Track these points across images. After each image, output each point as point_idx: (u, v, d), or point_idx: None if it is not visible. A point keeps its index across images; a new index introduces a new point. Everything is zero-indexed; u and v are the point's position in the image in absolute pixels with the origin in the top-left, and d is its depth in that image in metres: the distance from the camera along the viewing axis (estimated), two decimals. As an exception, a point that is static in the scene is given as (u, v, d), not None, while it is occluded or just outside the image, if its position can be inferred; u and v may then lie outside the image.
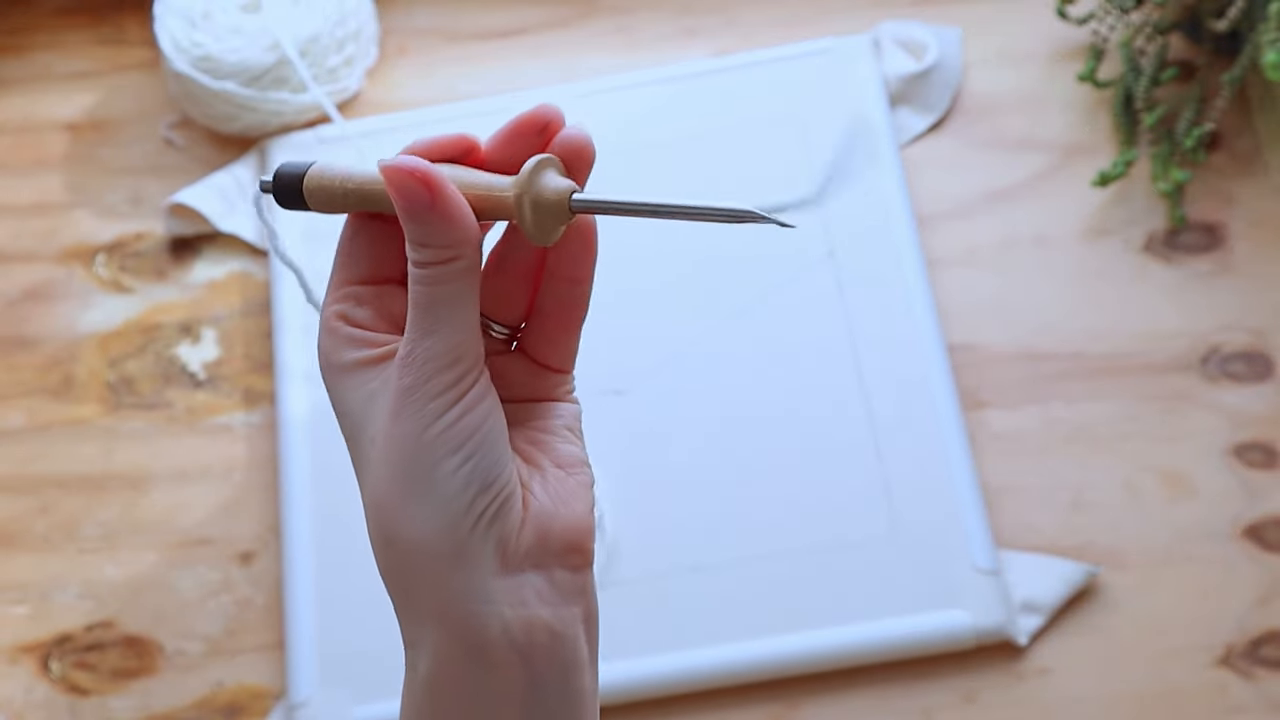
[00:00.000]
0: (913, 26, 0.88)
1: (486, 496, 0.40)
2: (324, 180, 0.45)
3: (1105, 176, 0.81)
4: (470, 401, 0.40)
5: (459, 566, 0.40)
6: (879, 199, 0.83)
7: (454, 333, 0.40)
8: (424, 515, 0.40)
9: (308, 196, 0.45)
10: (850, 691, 0.73)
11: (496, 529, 0.40)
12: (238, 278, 0.87)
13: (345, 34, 0.89)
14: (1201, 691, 0.72)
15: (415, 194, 0.40)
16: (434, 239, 0.40)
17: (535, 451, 0.43)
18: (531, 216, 0.40)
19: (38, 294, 0.88)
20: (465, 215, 0.40)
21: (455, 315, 0.40)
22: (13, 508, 0.82)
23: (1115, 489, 0.77)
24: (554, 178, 0.41)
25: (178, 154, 0.91)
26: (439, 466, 0.40)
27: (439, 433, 0.40)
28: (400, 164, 0.40)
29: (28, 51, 0.97)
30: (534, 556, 0.41)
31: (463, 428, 0.40)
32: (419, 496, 0.40)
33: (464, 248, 0.40)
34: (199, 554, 0.80)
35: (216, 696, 0.77)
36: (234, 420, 0.83)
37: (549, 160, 0.41)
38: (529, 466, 0.43)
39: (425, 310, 0.40)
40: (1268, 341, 0.79)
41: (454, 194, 0.40)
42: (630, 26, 0.93)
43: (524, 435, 0.44)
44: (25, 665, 0.78)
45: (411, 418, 0.40)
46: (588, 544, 0.42)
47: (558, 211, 0.40)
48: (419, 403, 0.40)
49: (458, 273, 0.40)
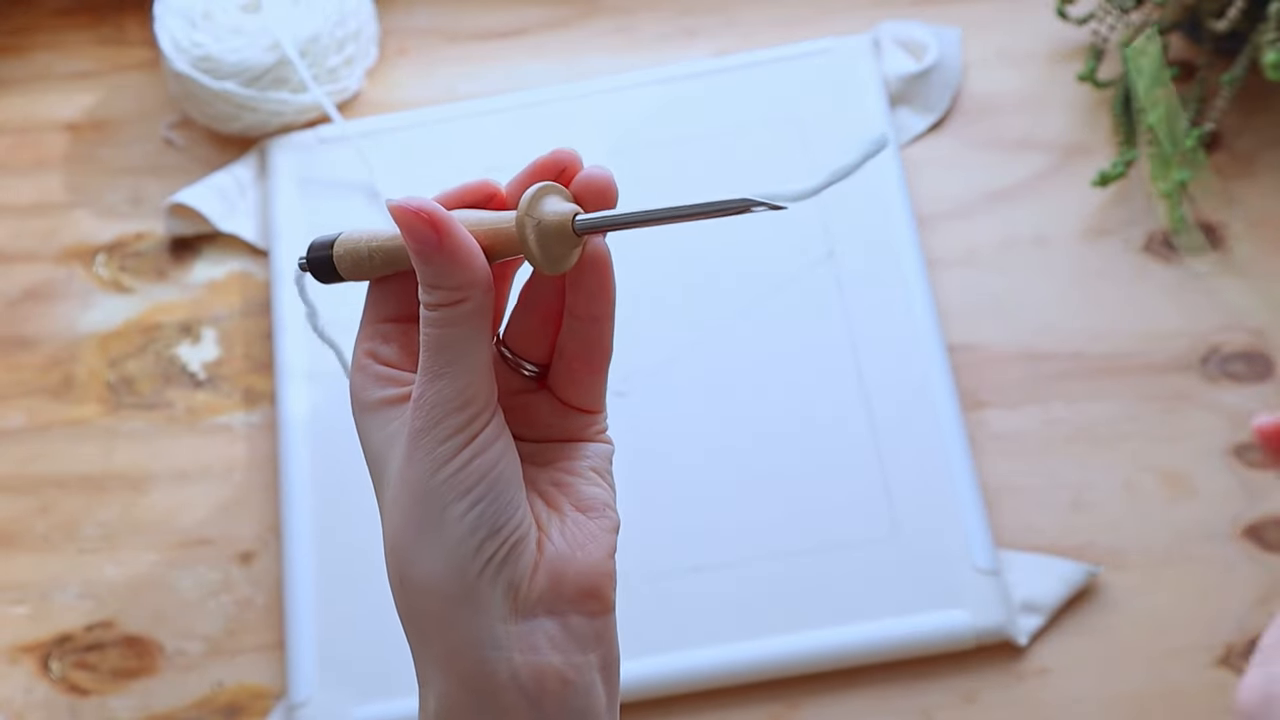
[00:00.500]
0: (913, 26, 0.88)
1: (495, 541, 0.39)
2: (351, 247, 0.44)
3: (1105, 176, 0.82)
4: (480, 445, 0.40)
5: (467, 610, 0.40)
6: (879, 199, 0.83)
7: (463, 375, 0.40)
8: (433, 558, 0.40)
9: (338, 265, 0.45)
10: (850, 691, 0.73)
11: (506, 574, 0.40)
12: (238, 278, 0.87)
13: (345, 34, 0.89)
14: (1201, 691, 0.72)
15: (422, 234, 0.40)
16: (442, 280, 0.40)
17: (557, 494, 0.43)
18: (536, 243, 0.40)
19: (38, 294, 0.88)
20: (473, 256, 0.40)
21: (465, 358, 0.40)
22: (13, 508, 0.82)
23: (1115, 489, 0.77)
24: (556, 203, 0.40)
25: (178, 154, 0.91)
26: (448, 510, 0.39)
27: (447, 477, 0.39)
28: (407, 204, 0.40)
29: (28, 51, 0.97)
30: (547, 602, 0.40)
31: (471, 471, 0.39)
32: (428, 539, 0.40)
33: (471, 290, 0.40)
34: (199, 554, 0.80)
35: (216, 696, 0.77)
36: (234, 420, 0.83)
37: (549, 187, 0.41)
38: (549, 509, 0.42)
39: (435, 353, 0.40)
40: (1268, 341, 0.79)
41: (461, 234, 0.40)
42: (630, 26, 0.93)
43: (548, 476, 0.43)
44: (25, 665, 0.78)
45: (421, 461, 0.40)
46: (606, 590, 0.41)
47: (562, 236, 0.40)
48: (428, 446, 0.40)
49: (465, 315, 0.40)
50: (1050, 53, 0.88)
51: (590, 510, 0.42)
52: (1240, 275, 0.81)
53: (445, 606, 0.40)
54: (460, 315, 0.40)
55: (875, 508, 0.75)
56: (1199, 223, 0.82)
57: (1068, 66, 0.87)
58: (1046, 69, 0.88)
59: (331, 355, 0.83)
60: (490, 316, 0.41)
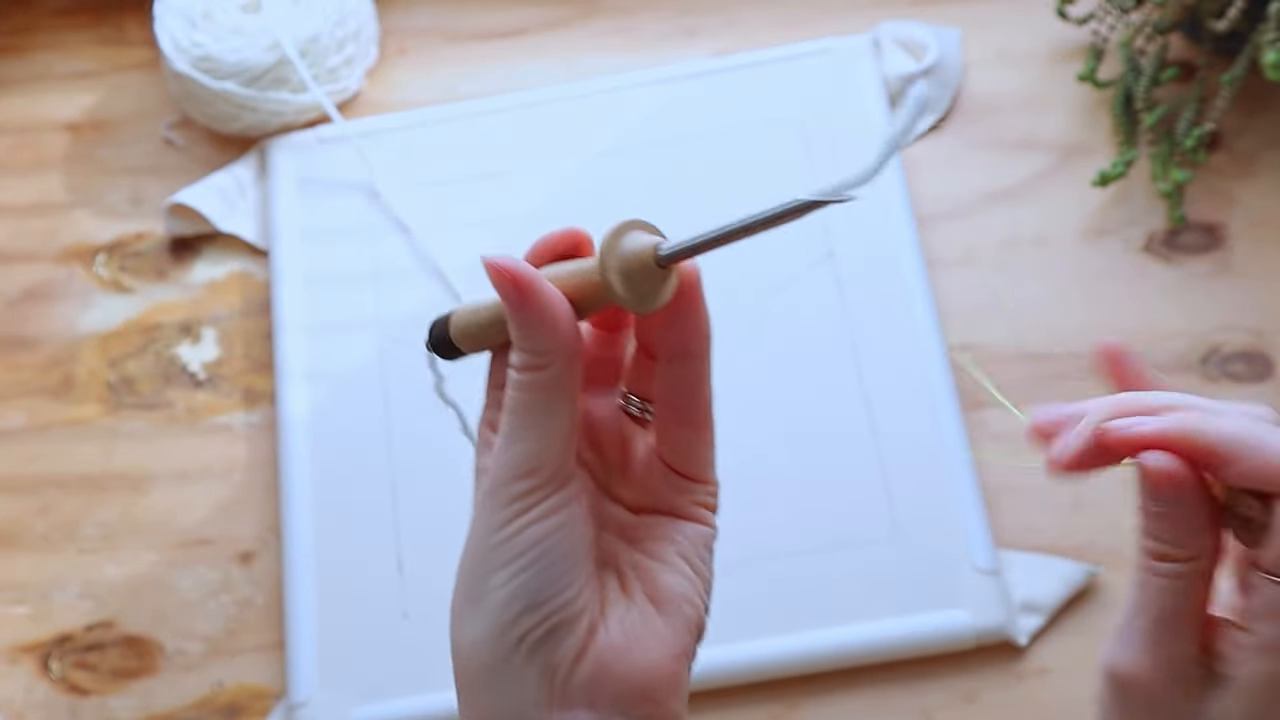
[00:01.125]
0: (913, 26, 0.88)
1: (533, 616, 0.38)
2: (462, 321, 0.44)
3: (1105, 176, 0.81)
4: (535, 516, 0.38)
5: (501, 685, 0.38)
6: (879, 199, 0.83)
7: (535, 442, 0.39)
8: (475, 623, 0.39)
9: (457, 342, 0.44)
10: (850, 691, 0.73)
11: (544, 653, 0.38)
12: (238, 278, 0.87)
13: (345, 34, 0.89)
14: (1201, 691, 0.72)
15: (508, 293, 0.39)
16: (527, 342, 0.39)
17: (633, 577, 0.41)
18: (621, 282, 0.38)
19: (38, 294, 0.88)
20: (557, 321, 0.38)
21: (539, 425, 0.39)
22: (13, 508, 0.82)
23: (1115, 489, 0.77)
24: (638, 237, 0.39)
25: (178, 154, 0.91)
26: (491, 577, 0.38)
27: (496, 543, 0.38)
28: (496, 261, 0.39)
29: (28, 51, 0.97)
30: (588, 695, 0.38)
31: (520, 541, 0.38)
32: (473, 604, 0.39)
33: (554, 356, 0.38)
34: (199, 554, 0.80)
35: (216, 696, 0.77)
36: (234, 420, 0.83)
37: (630, 223, 0.39)
38: (621, 593, 0.40)
39: (512, 416, 0.39)
40: (1268, 341, 0.79)
41: (547, 296, 0.39)
42: (630, 26, 0.93)
43: (630, 556, 0.41)
44: (25, 665, 0.78)
45: (480, 523, 0.39)
46: (662, 695, 0.38)
47: (646, 270, 0.38)
48: (488, 510, 0.39)
49: (544, 382, 0.39)
50: (1050, 53, 0.88)
51: (665, 603, 0.40)
52: (1240, 275, 0.81)
53: (481, 675, 0.38)
54: (540, 381, 0.39)
55: (875, 508, 0.75)
56: (1199, 223, 0.82)
57: (1068, 66, 0.87)
58: (1046, 69, 0.88)
59: (334, 356, 0.83)
60: (572, 386, 0.39)
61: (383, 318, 0.83)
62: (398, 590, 0.76)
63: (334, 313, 0.84)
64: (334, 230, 0.86)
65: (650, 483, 0.42)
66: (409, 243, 0.85)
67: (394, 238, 0.85)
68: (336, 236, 0.86)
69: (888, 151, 0.34)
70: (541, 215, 0.85)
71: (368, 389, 0.81)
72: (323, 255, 0.86)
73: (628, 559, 0.41)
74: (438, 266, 0.84)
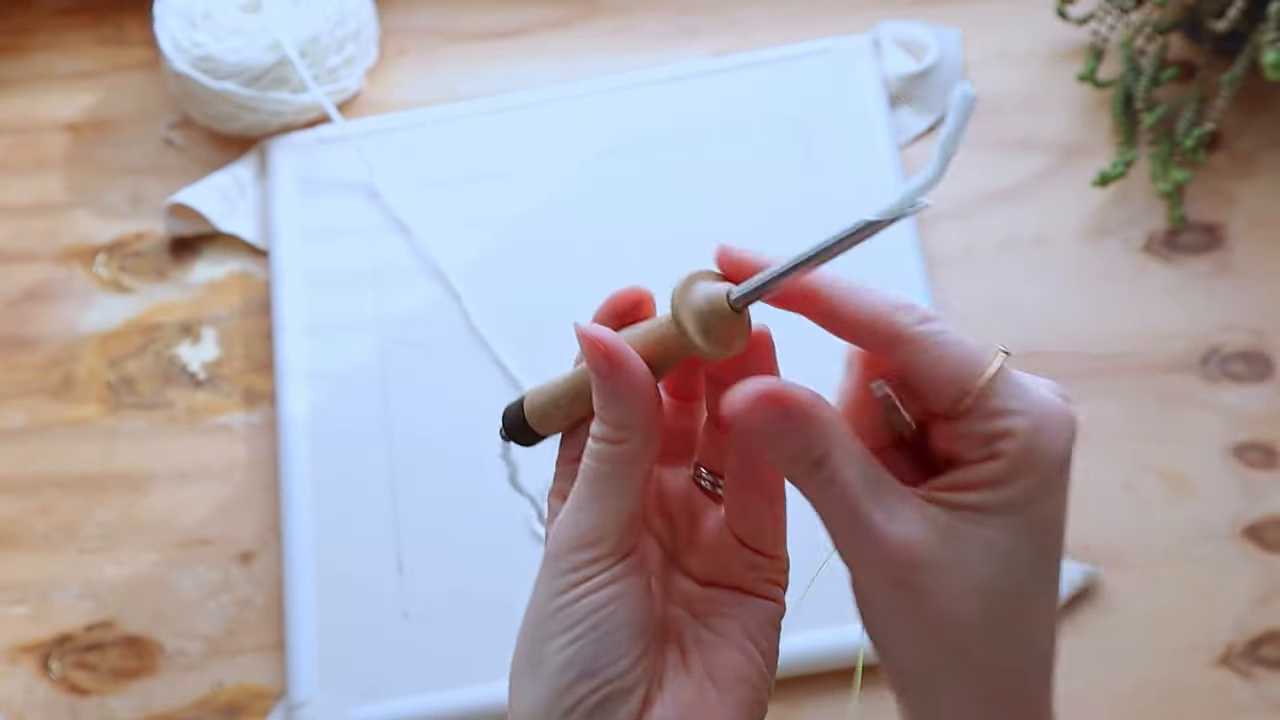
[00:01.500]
0: (913, 26, 0.88)
1: (586, 685, 0.38)
2: (537, 402, 0.43)
3: (1105, 176, 0.81)
4: (594, 585, 0.39)
5: None
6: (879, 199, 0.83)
7: (601, 514, 0.39)
8: (530, 688, 0.39)
9: (533, 425, 0.44)
10: (850, 691, 0.73)
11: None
12: (238, 278, 0.87)
13: (345, 34, 0.89)
14: (1201, 691, 0.72)
15: (596, 363, 0.39)
16: (611, 414, 0.39)
17: (695, 652, 0.41)
18: (697, 330, 0.38)
19: (38, 294, 0.88)
20: (642, 395, 0.39)
21: (609, 497, 0.39)
22: (13, 508, 0.82)
23: (1115, 489, 0.77)
24: (705, 286, 0.39)
25: (178, 154, 0.92)
26: (548, 643, 0.39)
27: (555, 610, 0.39)
28: (590, 330, 0.39)
29: (28, 51, 0.97)
30: None
31: (578, 609, 0.39)
32: (531, 668, 0.39)
33: (633, 432, 0.39)
34: (199, 554, 0.80)
35: (216, 696, 0.77)
36: (234, 420, 0.83)
37: (695, 274, 0.39)
38: (681, 667, 0.40)
39: (584, 484, 0.39)
40: (1268, 341, 0.79)
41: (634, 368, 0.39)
42: (630, 26, 0.93)
43: (694, 631, 0.41)
44: (25, 665, 0.78)
45: (541, 588, 0.40)
46: None
47: (720, 315, 0.38)
48: (549, 576, 0.39)
49: (620, 456, 0.39)
50: (1050, 53, 0.88)
51: (722, 681, 0.40)
52: (1240, 275, 0.81)
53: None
54: (617, 455, 0.39)
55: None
56: (1199, 223, 0.82)
57: (1068, 66, 0.87)
58: (1046, 69, 0.88)
59: (334, 356, 0.83)
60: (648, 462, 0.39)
61: (383, 318, 0.83)
62: (398, 590, 0.76)
63: (334, 313, 0.84)
64: (334, 230, 0.86)
65: (719, 556, 0.42)
66: (409, 243, 0.85)
67: (394, 238, 0.85)
68: (336, 236, 0.86)
69: (946, 155, 0.35)
70: (541, 215, 0.85)
71: (368, 389, 0.81)
72: (323, 255, 0.86)
73: (691, 633, 0.41)
74: (438, 266, 0.84)
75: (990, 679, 0.38)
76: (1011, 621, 0.38)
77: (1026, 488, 0.37)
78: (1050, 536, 0.38)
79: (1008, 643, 0.38)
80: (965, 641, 0.38)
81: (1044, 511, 0.38)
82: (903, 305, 0.38)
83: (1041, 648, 0.39)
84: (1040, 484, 0.37)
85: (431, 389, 0.81)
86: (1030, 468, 0.37)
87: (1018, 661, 0.39)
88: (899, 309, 0.38)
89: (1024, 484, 0.37)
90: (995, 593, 0.37)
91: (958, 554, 0.37)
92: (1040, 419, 0.38)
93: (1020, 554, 0.37)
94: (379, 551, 0.77)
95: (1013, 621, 0.38)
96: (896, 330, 0.38)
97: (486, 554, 0.77)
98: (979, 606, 0.37)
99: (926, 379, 0.38)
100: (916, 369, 0.38)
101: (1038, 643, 0.39)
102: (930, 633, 0.38)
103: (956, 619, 0.37)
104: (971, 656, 0.38)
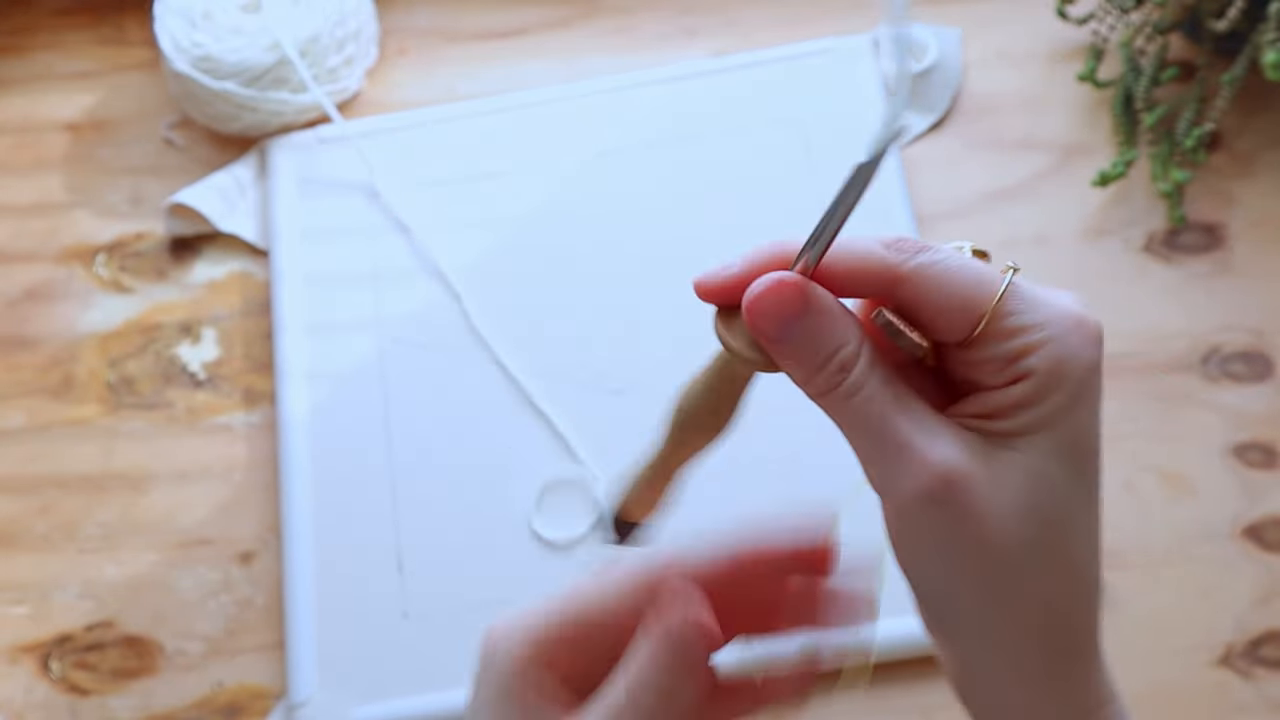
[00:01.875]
0: (913, 26, 0.88)
1: None
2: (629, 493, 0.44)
3: (1105, 176, 0.81)
4: None
5: None
6: (879, 199, 0.83)
7: None
8: None
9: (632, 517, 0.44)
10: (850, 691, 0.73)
11: None
12: (238, 278, 0.87)
13: (345, 34, 0.89)
14: (1201, 691, 0.72)
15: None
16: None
17: None
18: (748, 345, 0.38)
19: (38, 294, 0.88)
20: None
21: None
22: (13, 508, 0.82)
23: (1115, 489, 0.77)
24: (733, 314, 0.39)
25: (178, 154, 0.91)
26: None
27: None
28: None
29: (28, 51, 0.97)
30: None
31: None
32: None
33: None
34: (199, 554, 0.80)
35: (216, 696, 0.77)
36: (234, 420, 0.83)
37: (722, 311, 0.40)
38: None
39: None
40: (1268, 341, 0.79)
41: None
42: (630, 26, 0.93)
43: None
44: (25, 665, 0.78)
45: None
46: None
47: None
48: None
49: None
50: (1050, 53, 0.88)
51: None
52: (1240, 275, 0.81)
53: None
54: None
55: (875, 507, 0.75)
56: (1199, 223, 0.82)
57: (1068, 66, 0.87)
58: (1046, 69, 0.88)
59: (334, 356, 0.83)
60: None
61: (383, 318, 0.83)
62: (398, 590, 0.76)
63: (334, 313, 0.84)
64: (334, 230, 0.86)
65: None
66: (409, 243, 0.85)
67: (394, 238, 0.85)
68: (336, 236, 0.86)
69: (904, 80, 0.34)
70: (541, 215, 0.85)
71: (368, 389, 0.81)
72: (323, 255, 0.86)
73: None
74: (438, 266, 0.84)
75: (1038, 611, 0.37)
76: (1056, 547, 0.37)
77: (1058, 404, 0.36)
78: (1088, 451, 0.37)
79: (1054, 570, 0.37)
80: (1010, 570, 0.37)
81: (1079, 426, 0.37)
82: (893, 242, 0.38)
83: (1088, 575, 0.38)
84: (1071, 397, 0.36)
85: (431, 389, 0.81)
86: (1059, 383, 0.36)
87: (1065, 590, 0.38)
88: (890, 247, 0.37)
89: (1055, 400, 0.36)
90: (1038, 517, 0.36)
91: (997, 477, 0.36)
92: (1063, 330, 0.36)
93: (1059, 474, 0.37)
94: (379, 551, 0.77)
95: (1058, 547, 0.37)
96: (892, 271, 0.37)
97: (486, 554, 0.77)
98: (1024, 532, 0.36)
99: (935, 311, 0.37)
100: (922, 304, 0.37)
101: (1084, 570, 0.38)
102: (976, 561, 0.37)
103: (1002, 544, 0.36)
104: (1018, 586, 0.37)
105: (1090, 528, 0.38)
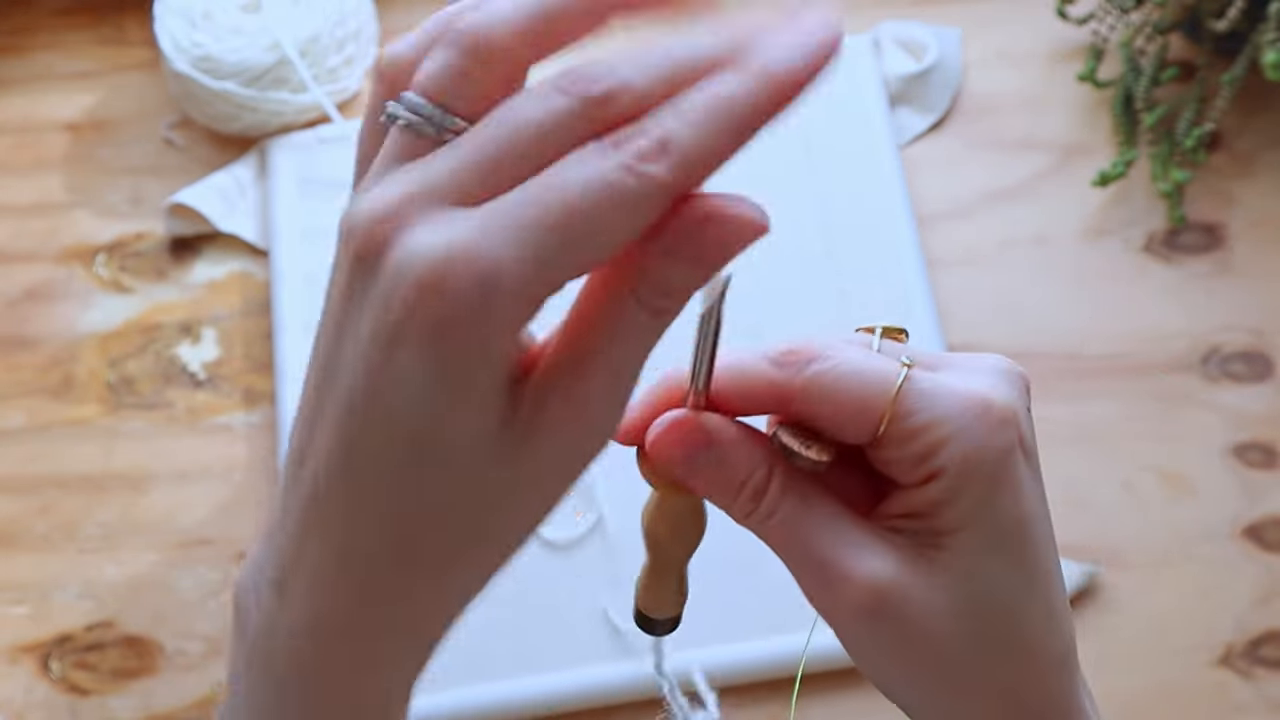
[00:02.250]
0: (913, 26, 0.88)
1: None
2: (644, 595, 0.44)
3: (1105, 176, 0.81)
4: None
5: None
6: (879, 199, 0.83)
7: None
8: None
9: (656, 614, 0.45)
10: (850, 691, 0.73)
11: None
12: (238, 278, 0.87)
13: (345, 34, 0.89)
14: (1201, 691, 0.72)
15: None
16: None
17: None
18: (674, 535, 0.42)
19: (38, 294, 0.88)
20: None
21: None
22: (13, 508, 0.82)
23: (1115, 489, 0.77)
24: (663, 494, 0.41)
25: (178, 154, 0.91)
26: None
27: None
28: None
29: (28, 51, 0.97)
30: None
31: None
32: None
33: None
34: (199, 554, 0.80)
35: (216, 696, 0.77)
36: (234, 420, 0.83)
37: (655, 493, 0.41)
38: None
39: None
40: (1268, 341, 0.79)
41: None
42: (630, 27, 0.93)
43: None
44: (25, 665, 0.78)
45: None
46: None
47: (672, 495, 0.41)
48: None
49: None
50: (1050, 53, 0.88)
51: None
52: (1240, 275, 0.81)
53: None
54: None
55: (875, 508, 0.75)
56: (1199, 223, 0.83)
57: (1068, 66, 0.87)
58: (1046, 69, 0.88)
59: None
60: None
61: (383, 318, 0.83)
62: (398, 590, 0.76)
63: (334, 313, 0.84)
64: (334, 230, 0.86)
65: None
66: (409, 243, 0.85)
67: (394, 238, 0.85)
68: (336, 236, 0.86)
69: None
70: (541, 215, 0.85)
71: (368, 389, 0.81)
72: (323, 255, 0.85)
73: None
74: (438, 266, 0.84)
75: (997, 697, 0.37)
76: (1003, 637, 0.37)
77: (976, 497, 0.35)
78: (1019, 536, 0.36)
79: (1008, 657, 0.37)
80: (962, 665, 0.36)
81: (1003, 513, 0.36)
82: (783, 356, 0.37)
83: (1047, 651, 0.38)
84: (988, 488, 0.35)
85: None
86: (972, 477, 0.35)
87: (1023, 673, 0.37)
88: (780, 364, 0.37)
89: (973, 494, 0.35)
90: (978, 611, 0.36)
91: (930, 580, 0.36)
92: (965, 422, 0.35)
93: (993, 565, 0.36)
94: (379, 551, 0.77)
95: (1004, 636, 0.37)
96: (782, 389, 0.37)
97: (486, 554, 0.77)
98: (967, 627, 0.36)
99: (833, 422, 0.36)
100: (819, 415, 0.36)
101: (1039, 647, 0.37)
102: (927, 662, 0.37)
103: (947, 643, 0.36)
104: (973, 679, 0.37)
105: (1039, 605, 0.37)
